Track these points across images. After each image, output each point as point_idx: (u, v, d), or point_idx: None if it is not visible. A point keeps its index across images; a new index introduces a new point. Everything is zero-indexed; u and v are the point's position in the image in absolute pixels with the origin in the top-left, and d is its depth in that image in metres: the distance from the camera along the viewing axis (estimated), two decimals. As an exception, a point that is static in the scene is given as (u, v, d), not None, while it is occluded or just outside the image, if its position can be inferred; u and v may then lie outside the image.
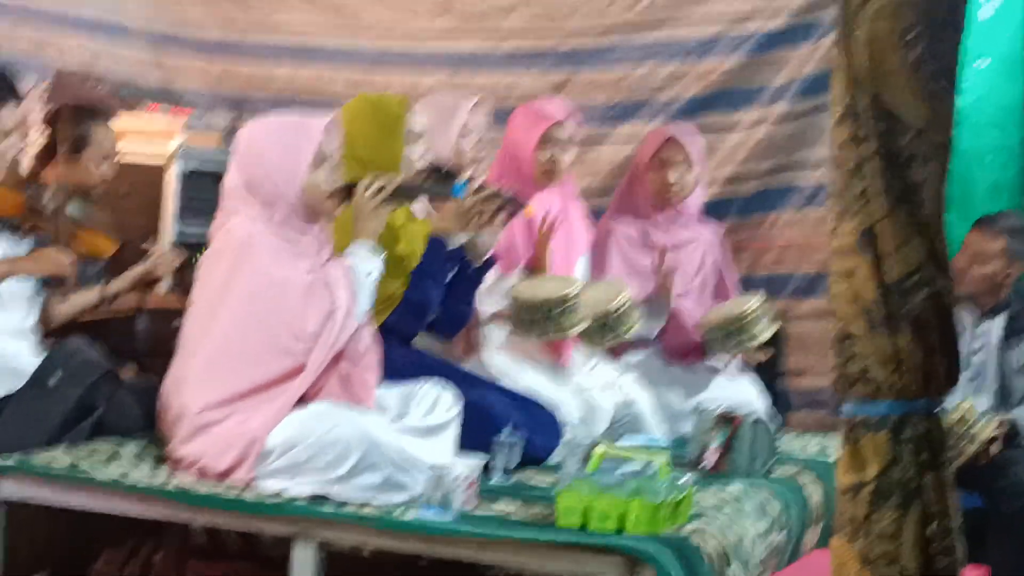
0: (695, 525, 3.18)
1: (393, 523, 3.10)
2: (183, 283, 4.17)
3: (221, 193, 3.50)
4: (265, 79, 6.08)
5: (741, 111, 5.66)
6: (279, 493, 3.25)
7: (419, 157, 3.90)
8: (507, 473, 3.63)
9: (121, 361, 4.04)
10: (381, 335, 3.61)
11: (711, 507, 3.39)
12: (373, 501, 3.23)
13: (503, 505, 3.34)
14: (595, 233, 4.87)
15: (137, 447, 3.52)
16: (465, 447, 3.43)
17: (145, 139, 5.02)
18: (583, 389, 4.43)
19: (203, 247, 3.57)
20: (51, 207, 3.88)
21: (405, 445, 3.29)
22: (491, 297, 4.37)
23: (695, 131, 5.05)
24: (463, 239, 3.97)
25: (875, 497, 2.31)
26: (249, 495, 3.23)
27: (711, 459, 3.83)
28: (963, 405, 4.45)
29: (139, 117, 5.15)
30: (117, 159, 4.54)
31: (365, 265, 3.49)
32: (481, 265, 4.02)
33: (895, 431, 2.31)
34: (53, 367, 3.52)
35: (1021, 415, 4.63)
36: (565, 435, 3.90)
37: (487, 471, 3.54)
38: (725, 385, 4.78)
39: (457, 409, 3.50)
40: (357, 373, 3.45)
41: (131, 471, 3.34)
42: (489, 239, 3.97)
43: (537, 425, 3.86)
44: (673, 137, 4.88)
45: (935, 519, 2.30)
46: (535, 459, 3.85)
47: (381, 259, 3.54)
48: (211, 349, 3.35)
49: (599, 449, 3.27)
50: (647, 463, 3.30)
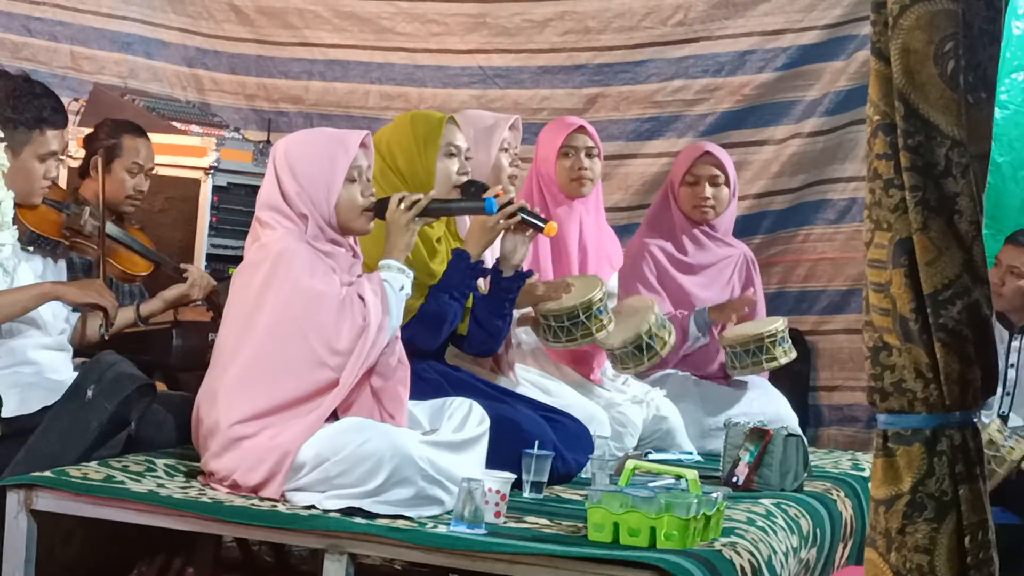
0: (726, 540, 3.17)
1: (424, 537, 3.10)
2: (214, 306, 4.19)
3: (256, 206, 3.52)
4: (299, 94, 6.13)
5: (773, 126, 5.66)
6: (311, 507, 3.26)
7: (458, 171, 3.90)
8: (537, 487, 3.63)
9: (156, 374, 4.07)
10: (411, 351, 3.62)
11: (742, 522, 3.38)
12: (404, 515, 3.23)
13: (533, 519, 3.33)
14: (627, 250, 4.86)
15: (171, 460, 3.54)
16: (496, 462, 3.43)
17: (180, 154, 5.06)
18: (613, 404, 4.43)
19: (237, 261, 3.58)
20: (90, 226, 3.90)
21: (436, 459, 3.29)
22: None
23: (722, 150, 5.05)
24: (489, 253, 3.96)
25: (909, 510, 2.29)
26: (281, 508, 3.25)
27: (742, 474, 3.82)
28: (991, 428, 4.41)
29: (174, 132, 5.19)
30: (151, 172, 4.57)
31: (397, 280, 3.50)
32: (514, 276, 3.96)
33: (930, 443, 2.29)
34: (89, 380, 3.53)
35: (1054, 432, 4.61)
36: (596, 450, 3.90)
37: (518, 485, 3.54)
38: (756, 400, 4.76)
39: (487, 424, 3.50)
40: (389, 388, 3.46)
41: (165, 484, 3.35)
42: (522, 250, 3.93)
43: (568, 440, 3.86)
44: (709, 152, 4.88)
45: (970, 532, 2.28)
46: (566, 474, 3.85)
47: (412, 274, 3.55)
48: (244, 363, 3.36)
49: (630, 464, 3.27)
50: (678, 478, 3.30)
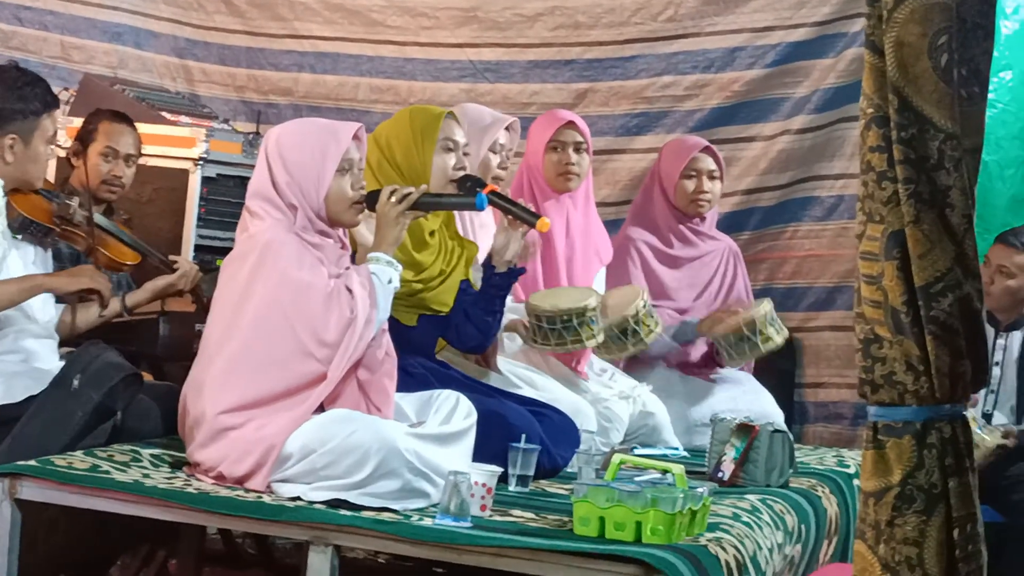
0: (712, 535, 3.18)
1: (409, 530, 3.10)
2: (197, 297, 4.18)
3: (246, 195, 3.51)
4: (288, 86, 6.12)
5: (762, 122, 5.66)
6: (297, 498, 3.26)
7: (455, 166, 3.88)
8: (524, 481, 3.63)
9: (142, 364, 4.06)
10: (399, 343, 3.62)
11: (728, 517, 3.39)
12: (390, 507, 3.23)
13: (519, 513, 3.34)
14: (613, 244, 4.87)
15: (156, 450, 3.54)
16: (482, 455, 3.43)
17: (169, 145, 5.04)
18: (600, 399, 4.43)
19: (225, 253, 3.57)
20: (79, 215, 3.89)
21: (422, 452, 3.29)
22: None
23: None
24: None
25: (899, 502, 2.30)
26: (267, 500, 3.24)
27: (728, 470, 3.82)
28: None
29: (163, 123, 5.18)
30: (134, 160, 4.54)
31: (385, 273, 3.49)
32: (507, 273, 3.94)
33: (920, 436, 2.30)
34: (75, 370, 3.52)
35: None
36: (582, 444, 3.90)
37: (504, 479, 3.54)
38: (743, 396, 4.77)
39: (474, 417, 3.50)
40: (375, 380, 3.46)
41: (150, 475, 3.35)
42: (514, 246, 3.91)
43: (554, 434, 3.86)
44: (709, 147, 4.92)
45: (959, 525, 2.29)
46: (552, 468, 3.85)
47: (400, 268, 3.54)
48: (231, 354, 3.35)
49: (616, 458, 3.27)
50: (664, 473, 3.30)
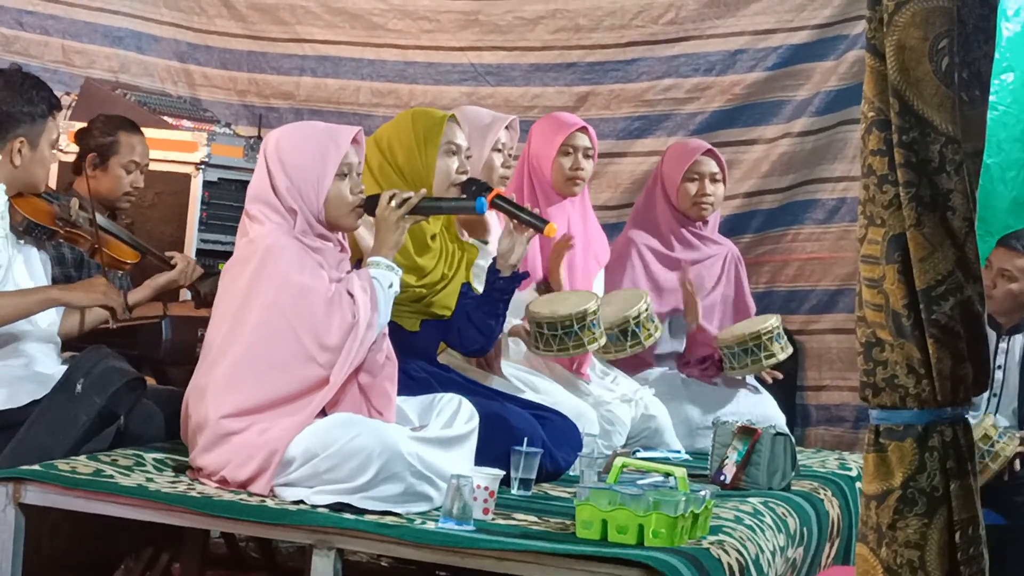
0: (714, 538, 3.18)
1: (412, 533, 3.10)
2: (198, 294, 4.19)
3: (246, 199, 3.51)
4: (290, 90, 6.12)
5: (763, 125, 5.67)
6: (300, 502, 3.26)
7: (458, 170, 3.88)
8: (526, 485, 3.63)
9: (144, 368, 4.06)
10: (401, 347, 3.62)
11: (730, 520, 3.39)
12: (393, 511, 3.24)
13: (522, 516, 3.34)
14: (615, 247, 4.88)
15: (159, 455, 3.54)
16: (485, 458, 3.44)
17: (170, 149, 5.06)
18: (602, 402, 4.43)
19: (227, 256, 3.58)
20: (80, 217, 3.90)
21: (425, 455, 3.29)
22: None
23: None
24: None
25: (900, 505, 2.30)
26: (270, 504, 3.25)
27: (730, 473, 3.82)
28: (986, 422, 4.43)
29: (165, 127, 5.19)
30: (146, 167, 4.58)
31: (386, 277, 3.50)
32: (511, 277, 3.93)
33: (921, 439, 2.30)
34: (78, 374, 3.52)
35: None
36: (584, 448, 3.90)
37: (506, 482, 3.54)
38: (745, 400, 4.78)
39: (476, 420, 3.51)
40: (376, 384, 3.46)
41: (153, 479, 3.35)
42: (519, 250, 3.91)
43: (556, 437, 3.86)
44: (711, 150, 4.92)
45: (961, 527, 2.29)
46: (554, 471, 3.85)
47: (400, 272, 3.55)
48: (233, 358, 3.35)
49: (618, 461, 3.27)
50: (666, 476, 3.30)
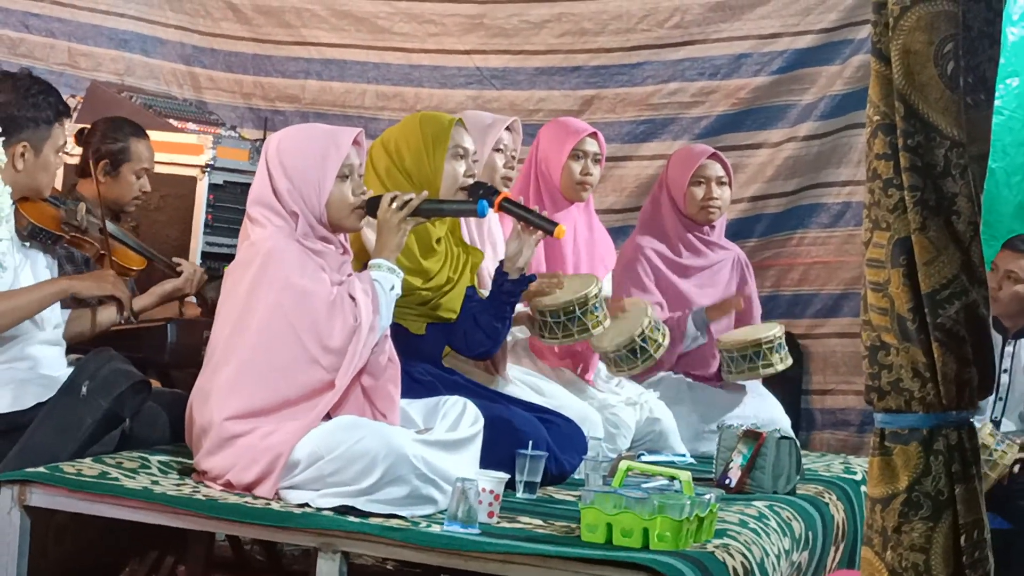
0: (719, 542, 3.18)
1: (417, 536, 3.10)
2: (203, 300, 4.19)
3: (247, 202, 3.52)
4: (295, 93, 6.13)
5: (769, 129, 5.67)
6: (304, 505, 3.26)
7: (465, 173, 3.87)
8: (531, 488, 3.63)
9: (149, 371, 4.07)
10: (407, 350, 3.62)
11: (735, 524, 3.39)
12: (398, 514, 3.24)
13: (527, 520, 3.34)
14: (622, 252, 4.87)
15: (164, 457, 3.54)
16: (489, 462, 3.44)
17: (176, 152, 5.07)
18: (607, 405, 4.43)
19: (232, 259, 3.58)
20: (87, 222, 3.90)
21: (430, 458, 3.29)
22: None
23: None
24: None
25: (906, 508, 2.30)
26: (275, 506, 3.25)
27: (735, 476, 3.82)
28: (983, 432, 4.41)
29: (170, 130, 5.20)
30: (152, 171, 4.59)
31: (387, 280, 3.49)
32: (518, 280, 3.92)
33: (927, 442, 2.30)
34: (83, 377, 3.52)
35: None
36: (589, 451, 3.90)
37: (511, 486, 3.55)
38: (750, 403, 4.78)
39: (481, 423, 3.51)
40: (379, 387, 3.46)
41: (159, 481, 3.36)
42: (527, 252, 3.89)
43: (561, 441, 3.87)
44: (716, 154, 4.92)
45: (966, 531, 2.29)
46: (559, 474, 3.85)
47: (402, 274, 3.55)
48: (237, 362, 3.35)
49: (623, 465, 3.27)
50: (671, 479, 3.30)
